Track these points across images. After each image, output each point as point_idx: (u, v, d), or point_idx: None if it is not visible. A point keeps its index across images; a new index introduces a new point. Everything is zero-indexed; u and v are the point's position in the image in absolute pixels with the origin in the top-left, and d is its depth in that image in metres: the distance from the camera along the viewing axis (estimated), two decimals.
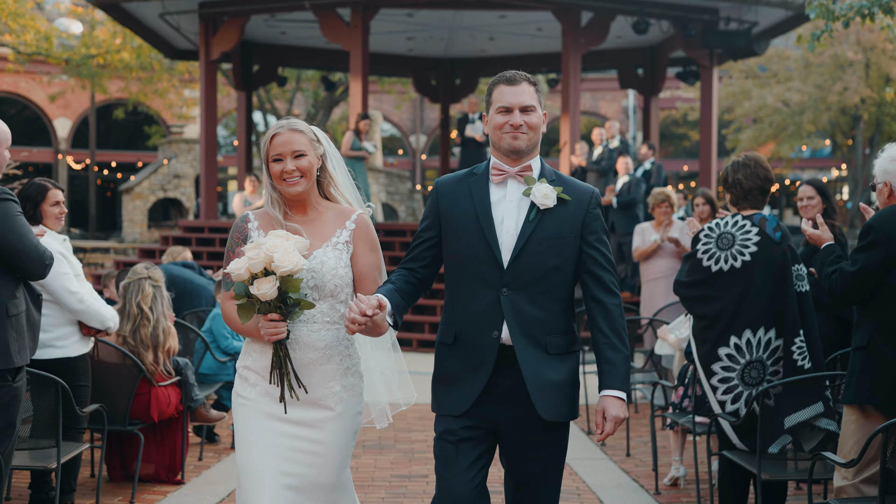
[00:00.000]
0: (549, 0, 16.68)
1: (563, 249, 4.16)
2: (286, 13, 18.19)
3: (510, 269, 4.15)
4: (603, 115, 41.14)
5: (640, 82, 22.12)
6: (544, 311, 4.14)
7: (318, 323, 4.25)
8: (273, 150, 4.26)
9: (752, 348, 5.86)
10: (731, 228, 6.04)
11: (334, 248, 4.28)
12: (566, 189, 4.19)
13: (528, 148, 4.21)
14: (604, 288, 4.17)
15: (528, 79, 4.22)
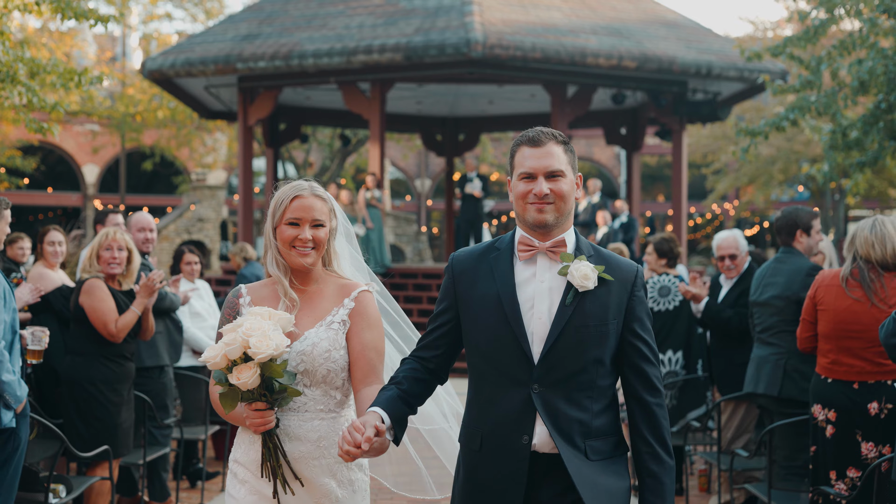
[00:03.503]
0: (539, 77, 19.48)
1: (605, 339, 3.55)
2: (314, 86, 21.03)
3: (543, 362, 3.54)
4: (597, 160, 43.77)
5: (623, 140, 24.76)
6: (582, 410, 3.54)
7: (310, 412, 3.83)
8: (291, 213, 3.86)
9: (669, 364, 8.69)
10: (666, 283, 8.86)
11: (328, 327, 3.85)
12: (608, 267, 3.60)
13: (557, 221, 3.61)
14: (648, 385, 3.59)
15: (555, 137, 3.65)
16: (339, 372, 3.86)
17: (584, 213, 19.34)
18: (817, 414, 6.13)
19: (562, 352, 3.54)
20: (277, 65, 19.24)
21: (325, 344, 3.83)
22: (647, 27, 20.54)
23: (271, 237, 3.92)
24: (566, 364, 3.55)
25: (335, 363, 3.84)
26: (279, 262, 3.92)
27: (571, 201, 3.67)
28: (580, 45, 18.67)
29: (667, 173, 43.81)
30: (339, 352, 3.86)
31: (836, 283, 6.18)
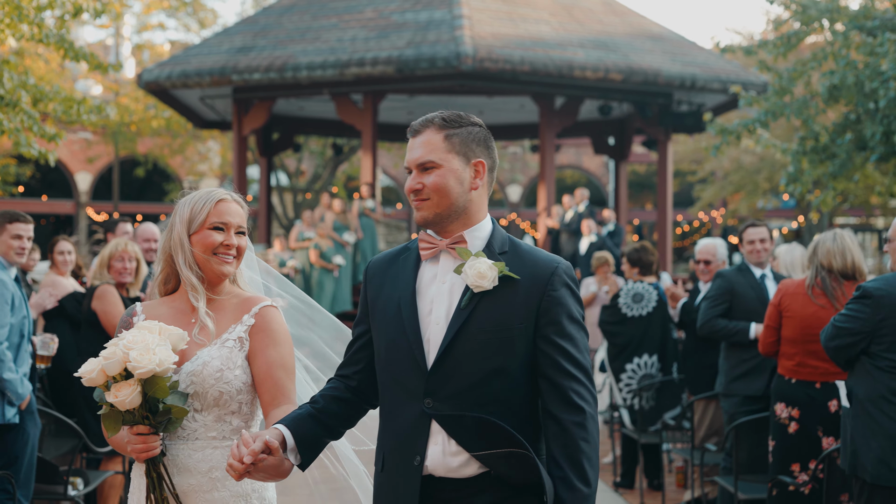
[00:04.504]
0: (528, 89, 19.98)
1: (509, 346, 3.12)
2: (307, 97, 21.49)
3: (435, 372, 3.13)
4: (586, 168, 44.20)
5: (611, 149, 25.21)
6: None
7: (201, 440, 3.48)
8: (217, 217, 3.57)
9: (645, 367, 9.15)
10: (640, 290, 9.34)
11: (222, 345, 3.52)
12: (519, 264, 3.17)
13: (440, 217, 3.22)
14: (562, 400, 3.11)
15: (435, 123, 3.25)
16: (235, 395, 3.52)
17: (571, 222, 19.80)
18: (780, 412, 6.61)
19: (457, 361, 3.13)
20: (272, 77, 19.68)
21: (217, 363, 3.49)
22: (633, 41, 21.05)
23: (186, 244, 3.57)
24: (462, 375, 3.13)
25: (229, 384, 3.49)
26: (194, 270, 3.59)
27: (456, 193, 3.21)
28: (568, 59, 19.15)
29: (655, 181, 44.22)
30: (234, 372, 3.51)
31: (800, 291, 6.67)
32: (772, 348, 6.85)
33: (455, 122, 3.26)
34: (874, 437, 5.24)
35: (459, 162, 3.23)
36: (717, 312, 7.84)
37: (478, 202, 3.28)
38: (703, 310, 7.94)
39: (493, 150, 3.33)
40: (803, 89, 14.74)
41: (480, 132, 3.30)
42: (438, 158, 3.21)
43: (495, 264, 3.15)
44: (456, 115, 3.28)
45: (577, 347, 3.19)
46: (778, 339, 6.79)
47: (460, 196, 3.23)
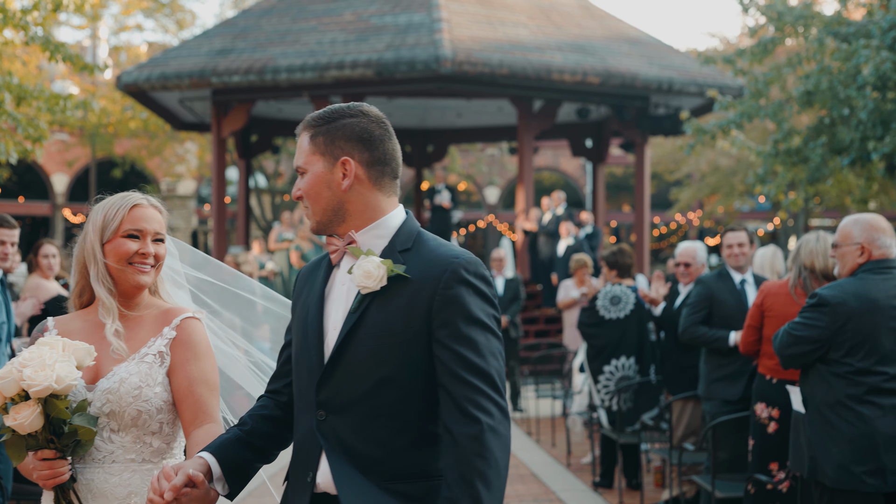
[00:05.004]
0: (507, 92, 20.09)
1: (400, 352, 2.88)
2: (287, 99, 21.53)
3: (325, 382, 2.95)
4: (563, 171, 44.34)
5: (589, 152, 25.32)
6: (377, 445, 2.88)
7: (118, 463, 3.21)
8: (131, 224, 3.32)
9: (623, 368, 9.26)
10: (618, 292, 9.46)
11: (141, 361, 3.27)
12: (417, 262, 2.93)
13: (321, 225, 3.04)
14: (456, 411, 2.82)
15: (305, 124, 3.07)
16: (155, 414, 3.26)
17: (549, 225, 19.91)
18: (760, 412, 6.72)
19: (346, 369, 2.91)
20: (251, 79, 19.72)
21: (135, 380, 3.23)
22: (611, 44, 21.20)
23: (98, 255, 3.30)
24: (352, 385, 2.91)
25: (148, 403, 3.24)
26: (105, 284, 3.31)
27: (327, 198, 3.00)
28: (546, 62, 19.28)
29: (633, 183, 44.40)
30: (154, 389, 3.26)
31: (783, 291, 6.79)
32: (752, 347, 6.97)
33: (322, 120, 3.04)
34: (834, 442, 5.29)
35: (325, 164, 3.01)
36: (697, 319, 7.96)
37: (361, 201, 3.01)
38: (684, 316, 8.06)
39: (374, 141, 3.01)
40: (779, 92, 14.95)
41: (354, 124, 3.01)
42: (304, 162, 3.04)
43: (383, 262, 2.90)
44: (327, 112, 3.06)
45: (478, 351, 2.85)
46: (759, 339, 6.91)
47: (332, 200, 3.01)
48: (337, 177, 2.99)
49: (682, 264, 9.07)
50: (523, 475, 10.25)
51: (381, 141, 3.03)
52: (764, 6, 15.14)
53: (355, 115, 3.03)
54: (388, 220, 3.03)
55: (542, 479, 9.99)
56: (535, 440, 12.17)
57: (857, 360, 5.32)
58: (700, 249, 9.18)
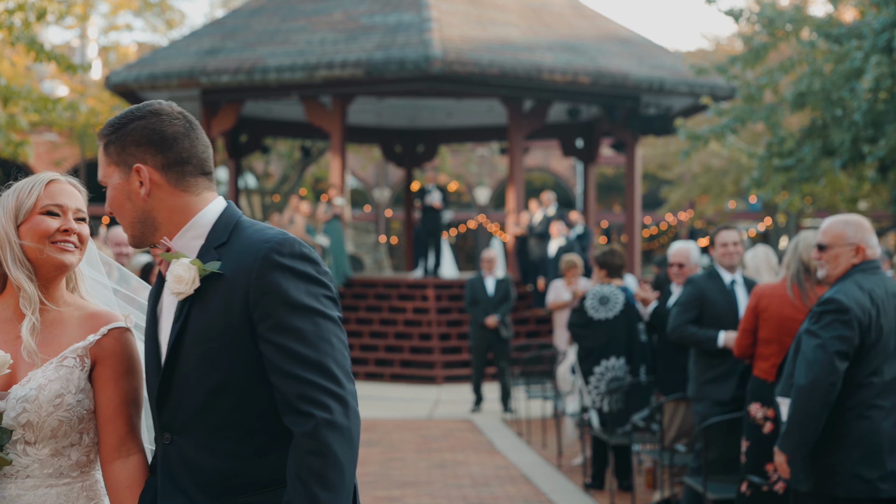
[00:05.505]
0: (497, 92, 20.03)
1: (226, 355, 2.65)
2: (276, 99, 21.45)
3: (164, 401, 2.73)
4: (554, 171, 44.37)
5: (580, 152, 25.29)
6: (226, 458, 2.66)
7: (33, 477, 2.89)
8: (49, 199, 2.95)
9: (613, 369, 9.20)
10: (607, 293, 9.41)
11: (60, 365, 2.90)
12: (231, 254, 2.69)
13: (136, 240, 2.81)
14: (288, 409, 2.60)
15: (99, 135, 2.83)
16: (76, 424, 2.90)
17: (540, 225, 19.85)
18: (755, 412, 6.66)
19: (180, 383, 2.68)
20: (240, 79, 19.64)
21: (56, 386, 2.86)
22: (602, 44, 21.16)
23: (13, 238, 2.92)
24: (187, 399, 2.67)
25: (70, 412, 2.88)
26: (24, 266, 2.92)
27: (130, 210, 2.76)
28: (536, 62, 19.23)
29: (623, 184, 44.42)
30: (76, 396, 2.89)
31: (778, 292, 6.72)
32: (747, 351, 6.91)
33: (112, 127, 2.77)
34: (843, 451, 5.15)
35: (120, 174, 2.76)
36: (687, 318, 7.89)
37: (166, 207, 2.75)
38: (674, 315, 7.99)
39: (167, 142, 2.73)
40: (771, 95, 14.94)
41: (143, 127, 2.74)
42: (102, 176, 2.80)
43: (192, 262, 2.67)
44: (117, 117, 2.78)
45: (304, 340, 2.58)
46: (754, 342, 6.84)
47: (136, 212, 2.77)
48: (134, 186, 2.74)
49: (675, 265, 9.02)
50: (514, 476, 10.19)
51: (176, 140, 2.74)
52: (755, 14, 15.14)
53: (143, 117, 2.75)
54: (202, 217, 2.77)
55: (532, 481, 9.93)
56: (525, 441, 12.11)
57: (867, 363, 5.18)
58: (693, 250, 9.13)
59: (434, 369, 17.74)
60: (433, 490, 9.53)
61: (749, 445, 6.66)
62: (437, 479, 10.00)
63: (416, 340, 18.45)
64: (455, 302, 19.23)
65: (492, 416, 14.13)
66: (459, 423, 13.60)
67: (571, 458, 11.04)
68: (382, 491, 9.44)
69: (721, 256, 7.97)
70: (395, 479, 10.02)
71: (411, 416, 14.18)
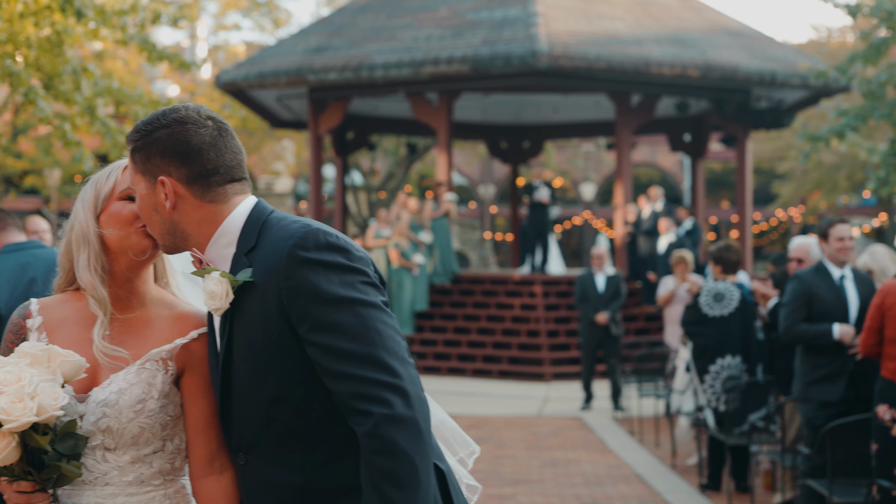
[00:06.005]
0: (604, 86, 19.82)
1: (273, 366, 2.52)
2: (382, 96, 21.53)
3: (227, 420, 2.65)
4: (660, 166, 43.86)
5: (688, 146, 24.96)
6: (298, 471, 2.54)
7: (112, 485, 2.68)
8: (126, 183, 2.74)
9: (728, 368, 9.00)
10: (721, 289, 9.21)
11: (142, 368, 2.70)
12: (260, 261, 2.53)
13: (168, 251, 2.69)
14: (348, 410, 2.44)
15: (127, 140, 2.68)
16: (159, 430, 2.71)
17: (648, 221, 19.60)
18: (882, 414, 6.42)
19: (238, 403, 2.58)
20: (347, 76, 19.76)
21: (137, 391, 2.67)
22: (711, 36, 20.79)
23: (92, 231, 2.72)
24: (250, 418, 2.56)
25: (152, 418, 2.69)
26: (98, 270, 2.72)
27: (159, 223, 2.62)
28: (644, 55, 18.99)
29: (732, 179, 43.78)
30: (159, 402, 2.69)
31: None
32: (873, 350, 6.67)
33: (137, 134, 2.63)
34: None
35: (146, 184, 2.62)
36: (797, 318, 7.58)
37: (192, 220, 2.61)
38: (784, 316, 7.68)
39: (191, 154, 2.58)
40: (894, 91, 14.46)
41: (167, 137, 2.58)
42: (131, 183, 2.67)
43: (223, 276, 2.53)
44: (143, 123, 2.63)
45: (348, 334, 2.42)
46: (880, 341, 6.60)
47: (164, 224, 2.62)
48: (160, 198, 2.59)
49: (795, 260, 8.76)
50: (627, 476, 10.04)
51: (200, 151, 2.58)
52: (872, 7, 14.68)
53: (168, 126, 2.58)
54: (229, 224, 2.61)
55: (646, 481, 9.76)
56: (637, 440, 11.92)
57: None
58: (814, 245, 8.85)
59: (542, 366, 17.61)
60: (545, 488, 9.43)
61: (878, 448, 6.43)
62: (548, 478, 9.90)
63: (523, 337, 18.34)
64: (563, 298, 19.09)
65: (602, 413, 13.97)
66: (569, 421, 13.47)
67: (685, 457, 10.83)
68: (494, 489, 9.37)
69: (837, 251, 7.65)
70: (506, 476, 9.94)
71: (520, 413, 14.08)
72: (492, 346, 18.45)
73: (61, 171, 31.40)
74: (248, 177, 2.69)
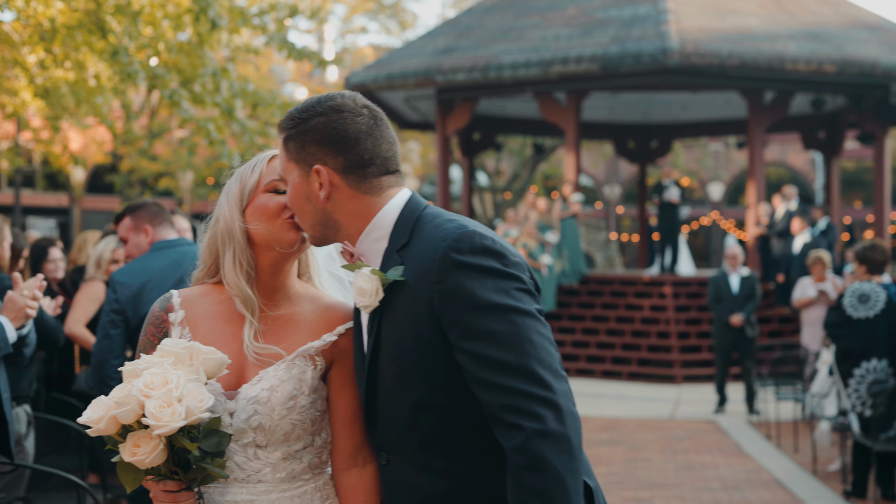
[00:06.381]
0: (736, 84, 19.43)
1: (420, 370, 2.43)
2: (509, 96, 21.49)
3: (372, 421, 2.58)
4: (791, 165, 42.91)
5: (822, 144, 24.36)
6: (441, 478, 2.46)
7: (266, 482, 2.68)
8: (272, 175, 2.71)
9: (874, 371, 8.71)
10: (867, 290, 8.93)
11: (292, 363, 2.68)
12: (412, 259, 2.45)
13: (317, 241, 2.62)
14: (496, 423, 2.35)
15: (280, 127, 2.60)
16: (309, 426, 2.70)
17: (782, 221, 19.15)
18: None
19: (383, 402, 2.51)
20: (475, 77, 19.76)
21: (288, 388, 2.65)
22: (847, 31, 20.23)
23: (237, 227, 2.69)
24: (393, 420, 2.49)
25: (303, 414, 2.67)
26: (244, 267, 2.69)
27: (310, 213, 2.55)
28: (778, 51, 18.57)
29: (865, 178, 42.60)
30: (309, 397, 2.68)
31: None
32: None
33: (292, 121, 2.56)
34: None
35: (299, 173, 2.55)
36: None
37: (346, 210, 2.54)
38: None
39: (348, 143, 2.50)
40: None
41: (323, 124, 2.51)
42: (283, 171, 2.60)
43: (373, 273, 2.45)
44: (298, 109, 2.56)
45: (501, 343, 2.31)
46: None
47: (316, 214, 2.56)
48: (313, 187, 2.53)
49: None
50: (766, 481, 9.80)
51: (357, 140, 2.50)
52: None
53: (324, 113, 2.51)
54: (382, 217, 2.53)
55: (787, 486, 9.52)
56: (774, 444, 11.64)
57: None
58: None
59: (673, 368, 17.35)
60: (682, 493, 9.26)
61: None
62: (685, 482, 9.73)
63: (653, 339, 18.10)
64: (694, 300, 18.79)
65: (736, 417, 13.69)
66: (703, 424, 13.22)
67: (826, 463, 10.54)
68: (630, 492, 9.24)
69: None
70: (641, 479, 9.80)
71: (652, 415, 13.88)
72: (621, 348, 18.25)
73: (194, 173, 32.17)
74: (401, 169, 2.62)
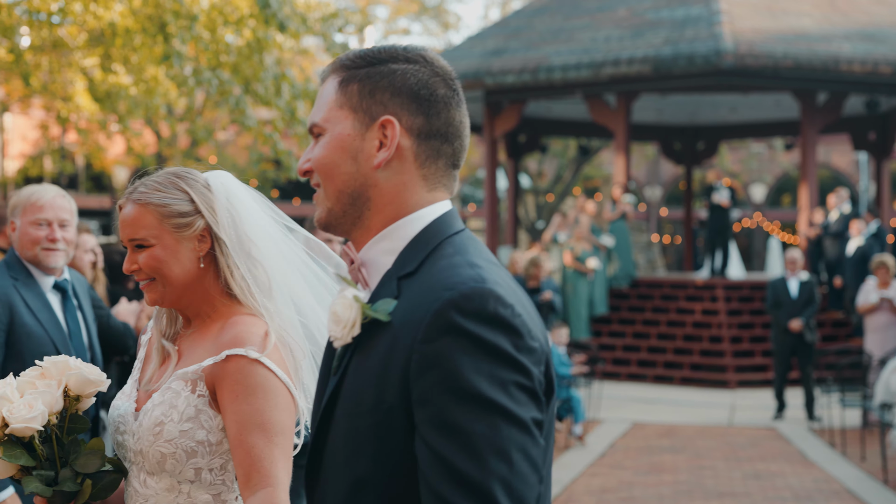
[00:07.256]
0: (789, 85, 19.21)
1: (372, 441, 1.85)
2: (558, 98, 21.37)
3: (312, 475, 1.98)
4: (835, 167, 42.45)
5: (872, 145, 24.07)
6: None
7: None
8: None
9: None
10: None
11: (167, 388, 2.56)
12: (409, 295, 1.85)
13: (333, 217, 1.99)
14: None
15: (337, 65, 2.01)
16: (184, 458, 2.49)
17: (836, 224, 18.92)
18: None
19: (327, 461, 1.94)
20: (525, 79, 19.67)
21: (157, 413, 2.50)
22: None
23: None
24: (332, 486, 1.91)
25: (172, 444, 2.49)
26: None
27: (345, 175, 1.95)
28: (833, 52, 18.35)
29: None
30: (180, 426, 2.48)
31: None
32: None
33: (362, 60, 1.98)
34: None
35: (354, 123, 1.95)
36: None
37: (392, 188, 1.96)
38: None
39: (437, 103, 1.95)
40: None
41: (410, 73, 1.96)
42: (323, 119, 1.97)
43: (356, 300, 1.88)
44: (368, 50, 1.99)
45: (465, 447, 1.72)
46: None
47: (352, 179, 1.95)
48: (370, 144, 1.94)
49: None
50: (837, 491, 9.65)
51: (447, 105, 1.97)
52: None
53: (414, 61, 1.97)
54: (407, 223, 1.94)
55: (859, 496, 9.36)
56: (840, 452, 11.46)
57: None
58: None
59: (726, 373, 17.16)
60: (753, 502, 9.12)
61: None
62: (754, 491, 9.57)
63: (705, 343, 17.92)
64: (745, 304, 18.59)
65: (796, 423, 13.49)
66: (763, 431, 13.04)
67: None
68: (700, 501, 9.11)
69: None
70: (709, 488, 9.66)
71: (710, 422, 13.71)
72: (673, 352, 18.08)
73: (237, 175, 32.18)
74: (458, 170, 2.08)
